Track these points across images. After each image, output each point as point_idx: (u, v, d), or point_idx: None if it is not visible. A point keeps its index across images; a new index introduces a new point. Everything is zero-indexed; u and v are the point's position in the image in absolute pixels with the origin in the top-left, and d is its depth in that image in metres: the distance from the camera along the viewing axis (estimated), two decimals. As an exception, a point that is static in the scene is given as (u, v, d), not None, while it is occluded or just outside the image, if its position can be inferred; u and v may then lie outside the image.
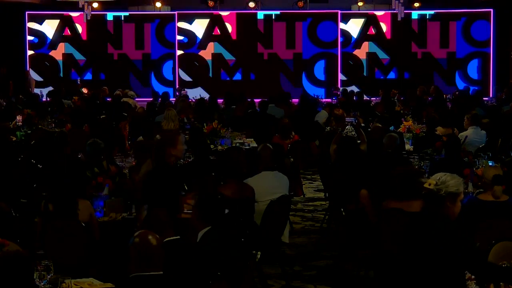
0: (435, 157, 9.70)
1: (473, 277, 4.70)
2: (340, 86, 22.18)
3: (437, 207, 4.55)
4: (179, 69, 23.00)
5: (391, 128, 12.17)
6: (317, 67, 23.16)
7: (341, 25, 22.88)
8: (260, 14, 22.93)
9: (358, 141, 10.06)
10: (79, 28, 22.94)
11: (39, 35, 23.17)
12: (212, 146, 11.24)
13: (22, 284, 4.18)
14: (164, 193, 6.38)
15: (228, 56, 22.98)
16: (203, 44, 23.02)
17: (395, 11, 20.24)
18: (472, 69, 23.10)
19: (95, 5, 21.33)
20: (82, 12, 20.46)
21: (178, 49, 22.99)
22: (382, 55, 23.01)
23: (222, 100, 17.72)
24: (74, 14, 22.64)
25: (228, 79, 23.13)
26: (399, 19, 20.25)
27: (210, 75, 23.18)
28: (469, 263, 4.46)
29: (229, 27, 22.93)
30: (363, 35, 23.02)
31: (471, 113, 11.67)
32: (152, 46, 23.12)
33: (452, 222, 4.56)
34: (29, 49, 23.17)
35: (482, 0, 22.49)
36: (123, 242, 4.48)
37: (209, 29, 22.93)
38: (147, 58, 23.19)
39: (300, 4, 22.05)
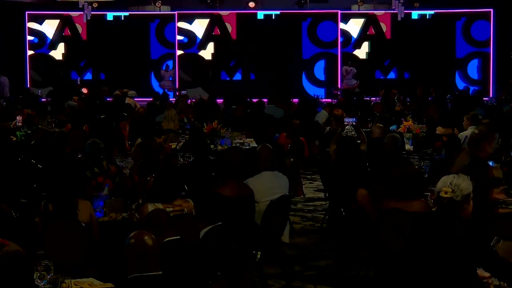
0: (435, 157, 9.69)
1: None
2: (340, 86, 22.16)
3: (455, 211, 4.56)
4: (179, 69, 22.99)
5: (392, 128, 12.16)
6: (317, 67, 23.15)
7: (341, 25, 22.89)
8: (260, 14, 22.92)
9: (358, 141, 10.06)
10: (79, 28, 22.95)
11: (39, 35, 23.16)
12: (212, 146, 11.24)
13: (22, 284, 4.18)
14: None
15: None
16: (203, 44, 23.00)
17: (395, 11, 20.22)
18: (472, 69, 23.10)
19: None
20: (82, 12, 20.46)
21: (178, 49, 22.98)
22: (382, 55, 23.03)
23: (222, 100, 17.72)
24: (74, 14, 22.64)
25: (228, 79, 23.14)
26: (399, 19, 20.24)
27: (210, 75, 23.20)
28: (484, 261, 4.48)
29: (229, 27, 22.93)
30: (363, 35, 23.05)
31: (471, 113, 11.67)
32: (152, 46, 23.11)
33: (468, 223, 4.57)
34: (29, 49, 23.16)
35: None
36: (123, 242, 4.48)
37: (209, 29, 22.92)
38: (147, 58, 23.17)
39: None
